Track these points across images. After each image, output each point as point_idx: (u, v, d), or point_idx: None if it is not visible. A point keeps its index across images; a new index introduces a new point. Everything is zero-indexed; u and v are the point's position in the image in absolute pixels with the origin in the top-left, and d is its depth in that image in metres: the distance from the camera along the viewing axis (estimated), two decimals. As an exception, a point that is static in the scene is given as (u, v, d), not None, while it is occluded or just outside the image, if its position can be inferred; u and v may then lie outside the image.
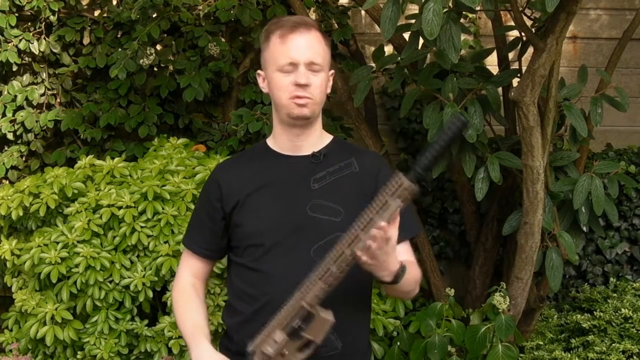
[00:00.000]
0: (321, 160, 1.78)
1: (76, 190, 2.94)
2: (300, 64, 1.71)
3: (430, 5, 2.18)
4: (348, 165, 1.79)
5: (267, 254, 1.72)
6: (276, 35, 1.75)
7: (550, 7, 2.23)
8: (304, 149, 1.79)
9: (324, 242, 1.69)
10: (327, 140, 1.84)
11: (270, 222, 1.74)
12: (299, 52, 1.72)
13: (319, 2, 3.71)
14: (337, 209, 1.73)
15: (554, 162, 2.98)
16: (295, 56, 1.71)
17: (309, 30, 1.74)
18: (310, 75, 1.72)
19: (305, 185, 1.75)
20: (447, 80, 2.81)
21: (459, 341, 2.83)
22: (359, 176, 1.78)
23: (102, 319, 2.82)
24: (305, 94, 1.71)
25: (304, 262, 1.68)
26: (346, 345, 1.74)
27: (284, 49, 1.73)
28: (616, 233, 3.77)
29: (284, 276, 1.70)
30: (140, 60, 3.39)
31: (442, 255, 3.78)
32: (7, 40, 3.57)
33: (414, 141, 3.82)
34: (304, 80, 1.70)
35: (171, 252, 2.82)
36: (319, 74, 1.73)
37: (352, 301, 1.76)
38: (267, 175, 1.79)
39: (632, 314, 3.19)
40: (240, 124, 3.35)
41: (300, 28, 1.73)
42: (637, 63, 4.11)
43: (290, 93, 1.72)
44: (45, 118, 3.57)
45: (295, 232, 1.72)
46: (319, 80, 1.73)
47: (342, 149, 1.85)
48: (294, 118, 1.75)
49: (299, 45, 1.72)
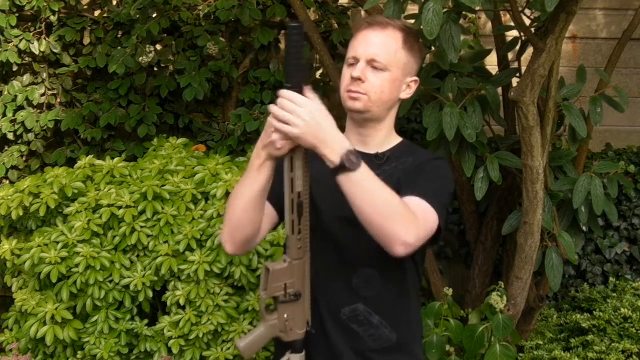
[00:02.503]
0: (384, 161, 1.78)
1: (76, 190, 2.95)
2: (361, 59, 1.71)
3: (430, 5, 2.18)
4: (403, 164, 1.78)
5: (317, 247, 1.66)
6: (355, 29, 1.77)
7: (550, 7, 2.23)
8: (369, 147, 1.79)
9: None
10: (395, 142, 1.83)
11: (323, 214, 1.72)
12: (363, 47, 1.72)
13: (319, 2, 3.72)
14: None
15: (554, 162, 2.98)
16: (359, 51, 1.72)
17: (384, 29, 1.73)
18: (368, 71, 1.71)
19: None
20: (447, 80, 2.82)
21: (457, 341, 2.83)
22: (406, 170, 1.76)
23: (102, 318, 2.83)
24: (357, 89, 1.71)
25: (353, 259, 1.70)
26: (401, 337, 1.75)
27: (354, 43, 1.75)
28: (616, 233, 3.77)
29: (333, 272, 1.72)
30: (140, 59, 3.40)
31: (441, 255, 3.78)
32: (7, 41, 3.58)
33: (413, 141, 3.80)
34: (357, 74, 1.70)
35: (171, 252, 2.82)
36: (381, 73, 1.71)
37: (402, 296, 1.76)
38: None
39: (631, 314, 3.19)
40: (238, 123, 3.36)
41: (375, 25, 1.73)
42: (636, 63, 4.11)
43: (346, 86, 1.73)
44: (46, 118, 3.57)
45: (345, 227, 1.70)
46: (379, 79, 1.71)
47: (407, 151, 1.83)
48: (349, 110, 1.76)
49: (366, 42, 1.72)
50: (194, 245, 2.81)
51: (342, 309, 1.72)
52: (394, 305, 1.75)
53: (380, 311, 1.72)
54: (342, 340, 1.72)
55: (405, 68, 1.76)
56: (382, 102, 1.74)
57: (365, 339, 1.72)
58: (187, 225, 2.86)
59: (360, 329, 1.72)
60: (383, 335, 1.72)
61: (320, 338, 1.70)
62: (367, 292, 1.71)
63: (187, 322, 2.81)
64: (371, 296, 1.71)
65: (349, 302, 1.72)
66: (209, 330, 2.80)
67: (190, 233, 2.82)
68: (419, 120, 3.59)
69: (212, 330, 2.80)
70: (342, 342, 1.72)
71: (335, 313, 1.72)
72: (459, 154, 2.82)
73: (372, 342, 1.72)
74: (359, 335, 1.72)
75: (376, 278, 1.71)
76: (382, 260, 1.67)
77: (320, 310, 1.71)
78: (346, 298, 1.72)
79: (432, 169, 1.77)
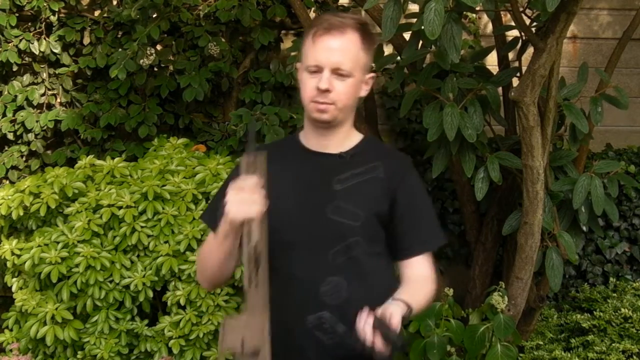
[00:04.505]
0: (348, 160, 1.76)
1: (76, 190, 2.94)
2: (325, 67, 1.67)
3: (431, 5, 2.18)
4: (374, 169, 1.76)
5: (283, 252, 1.69)
6: (311, 33, 1.70)
7: (551, 6, 2.23)
8: (330, 147, 1.76)
9: (342, 246, 1.68)
10: (356, 139, 1.80)
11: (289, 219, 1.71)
12: (325, 55, 1.67)
13: (319, 2, 3.72)
14: (357, 212, 1.70)
15: (554, 162, 2.98)
16: (321, 59, 1.67)
17: (343, 33, 1.68)
18: (334, 80, 1.68)
19: (328, 185, 1.73)
20: (447, 80, 2.81)
21: (458, 341, 2.83)
22: (385, 182, 1.74)
23: (102, 318, 2.83)
24: (325, 100, 1.68)
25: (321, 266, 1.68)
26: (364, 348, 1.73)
27: (314, 49, 1.69)
28: (616, 233, 3.77)
29: (301, 278, 1.70)
30: (140, 61, 3.40)
31: (441, 255, 3.78)
32: (7, 40, 3.57)
33: (413, 141, 3.83)
34: (324, 86, 1.66)
35: (171, 252, 2.82)
36: (346, 79, 1.69)
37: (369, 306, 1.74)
38: (292, 168, 1.76)
39: (631, 314, 3.19)
40: (239, 124, 3.35)
41: (334, 31, 1.68)
42: (637, 63, 4.11)
43: (312, 97, 1.69)
44: (46, 118, 3.57)
45: (314, 233, 1.70)
46: (345, 86, 1.69)
47: (372, 150, 1.81)
48: (315, 121, 1.73)
49: (328, 49, 1.67)
50: (195, 245, 2.81)
51: (308, 317, 1.69)
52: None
53: (347, 320, 1.67)
54: (307, 347, 1.70)
55: (364, 68, 1.75)
56: (348, 107, 1.73)
57: (329, 348, 1.69)
58: (188, 225, 2.86)
59: (324, 337, 1.69)
60: (347, 344, 1.67)
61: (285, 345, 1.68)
62: (333, 300, 1.69)
63: (188, 322, 2.81)
64: (338, 304, 1.69)
65: (315, 310, 1.69)
66: (210, 330, 2.80)
67: (191, 233, 2.82)
68: (419, 121, 3.58)
69: (212, 330, 2.80)
70: (307, 349, 1.70)
71: (301, 320, 1.69)
72: (459, 154, 2.82)
73: (336, 350, 1.69)
74: (323, 343, 1.69)
75: (343, 286, 1.69)
76: (350, 270, 1.69)
77: (286, 317, 1.68)
78: (312, 305, 1.69)
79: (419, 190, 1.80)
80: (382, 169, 1.76)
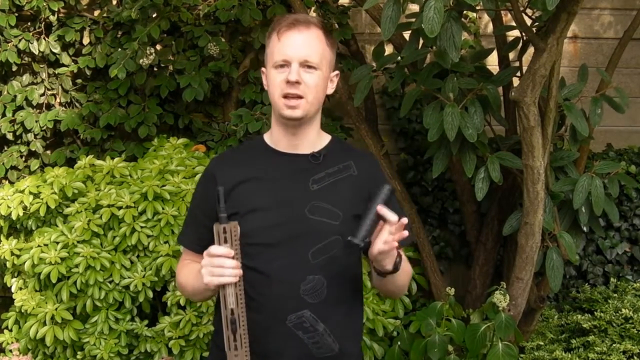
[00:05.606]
0: (320, 160, 1.77)
1: (76, 190, 2.94)
2: (293, 61, 1.69)
3: (431, 3, 2.18)
4: (347, 168, 1.78)
5: (263, 253, 1.70)
6: (275, 32, 1.73)
7: (551, 6, 2.22)
8: (301, 147, 1.77)
9: (322, 245, 1.69)
10: (325, 140, 1.82)
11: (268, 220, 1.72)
12: (293, 49, 1.69)
13: (319, 2, 3.71)
14: (335, 211, 1.71)
15: (554, 162, 2.98)
16: (289, 53, 1.69)
17: (308, 28, 1.71)
18: (303, 73, 1.69)
19: (304, 186, 1.74)
20: (447, 80, 2.81)
21: (459, 340, 2.83)
22: (358, 180, 1.77)
23: (102, 319, 2.82)
24: (296, 92, 1.69)
25: (302, 265, 1.68)
26: (344, 346, 1.74)
27: (280, 45, 1.70)
28: (616, 233, 3.77)
29: (281, 278, 1.69)
30: (140, 60, 3.39)
31: (442, 255, 3.78)
32: (6, 40, 3.57)
33: (414, 141, 3.82)
34: (294, 77, 1.67)
35: (171, 252, 2.82)
36: (315, 72, 1.70)
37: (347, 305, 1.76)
38: (265, 170, 1.76)
39: (632, 314, 3.18)
40: (239, 124, 3.35)
41: (299, 25, 1.70)
42: (637, 63, 4.10)
43: (282, 90, 1.70)
44: (45, 118, 3.56)
45: (294, 233, 1.70)
46: (314, 79, 1.70)
47: (341, 150, 1.83)
48: (286, 119, 1.73)
49: (295, 43, 1.70)
50: (194, 246, 2.80)
51: (289, 315, 1.69)
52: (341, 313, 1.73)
53: (326, 319, 1.70)
54: (286, 346, 1.70)
55: (330, 64, 1.77)
56: (317, 102, 1.74)
57: (309, 347, 1.70)
58: (187, 226, 2.85)
59: (305, 335, 1.69)
60: (326, 343, 1.70)
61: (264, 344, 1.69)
62: (314, 299, 1.69)
63: (188, 322, 2.80)
64: (318, 303, 1.69)
65: (295, 309, 1.69)
66: (210, 331, 2.79)
67: (191, 233, 2.81)
68: (419, 120, 3.58)
69: (212, 331, 2.79)
70: (286, 348, 1.70)
71: (281, 319, 1.69)
72: (459, 154, 2.81)
73: (315, 349, 1.70)
74: (303, 342, 1.69)
75: (324, 285, 1.70)
76: (329, 268, 1.69)
77: (267, 317, 1.69)
78: (293, 304, 1.69)
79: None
80: (355, 167, 1.79)
